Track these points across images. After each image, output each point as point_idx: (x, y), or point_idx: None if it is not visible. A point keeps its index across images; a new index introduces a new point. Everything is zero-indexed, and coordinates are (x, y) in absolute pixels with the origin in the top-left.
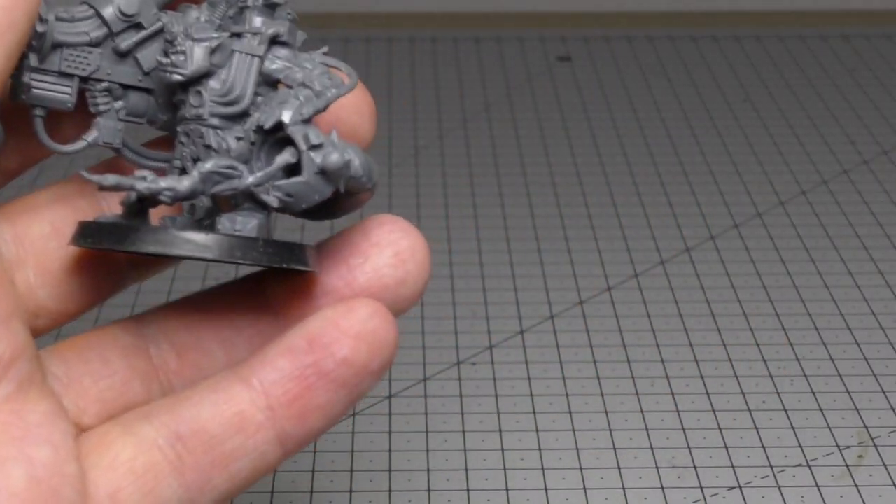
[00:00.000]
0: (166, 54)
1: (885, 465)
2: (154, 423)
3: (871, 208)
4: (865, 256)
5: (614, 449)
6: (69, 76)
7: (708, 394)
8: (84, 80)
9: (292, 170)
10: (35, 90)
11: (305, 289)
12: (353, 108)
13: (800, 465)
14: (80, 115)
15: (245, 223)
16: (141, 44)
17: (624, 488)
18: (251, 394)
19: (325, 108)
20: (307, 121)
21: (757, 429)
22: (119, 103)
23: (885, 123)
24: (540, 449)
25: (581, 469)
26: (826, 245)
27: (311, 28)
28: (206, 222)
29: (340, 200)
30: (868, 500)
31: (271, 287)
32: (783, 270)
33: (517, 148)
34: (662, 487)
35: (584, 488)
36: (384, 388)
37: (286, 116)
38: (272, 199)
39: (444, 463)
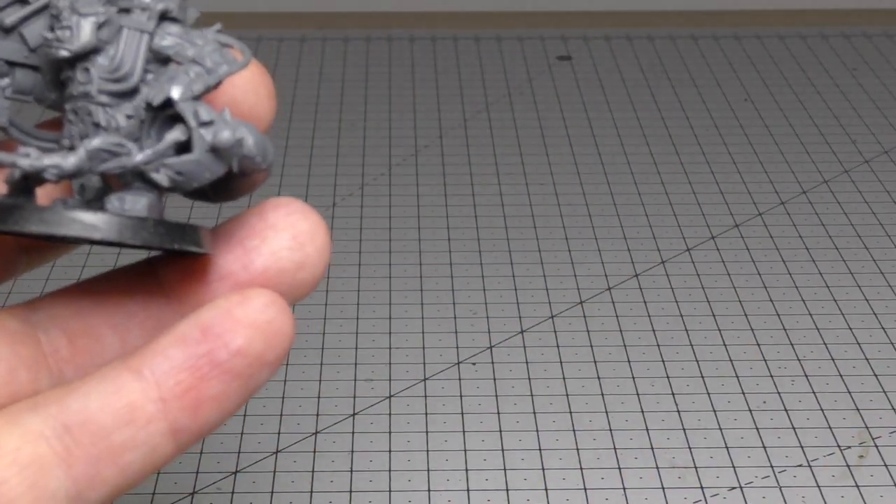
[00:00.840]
0: (52, 29)
1: (886, 466)
2: (41, 414)
3: (871, 208)
4: (866, 256)
5: (615, 449)
6: None
7: (709, 394)
8: None
9: (183, 148)
10: None
11: (199, 272)
12: (250, 88)
13: (801, 466)
14: None
15: (134, 202)
16: (26, 19)
17: (624, 488)
18: (142, 384)
19: (216, 85)
20: (197, 98)
21: (758, 429)
22: (5, 80)
23: (886, 123)
24: (540, 449)
25: (581, 469)
26: (827, 245)
27: (311, 27)
28: (96, 203)
29: (234, 181)
30: (869, 500)
31: (164, 270)
32: (784, 270)
33: (517, 148)
34: (663, 488)
35: (585, 489)
36: (384, 389)
37: (175, 93)
38: (162, 178)
39: (444, 463)
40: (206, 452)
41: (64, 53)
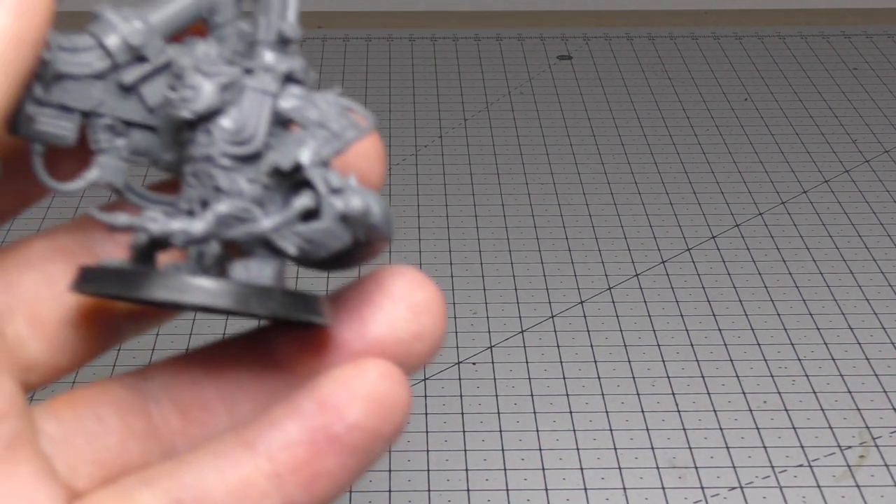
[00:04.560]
0: (174, 89)
1: (886, 466)
2: (154, 490)
3: (872, 207)
4: (867, 256)
5: (615, 449)
6: (70, 110)
7: (709, 394)
8: (85, 114)
9: (309, 215)
10: (37, 124)
11: (314, 342)
12: (362, 152)
13: (801, 466)
14: (79, 152)
15: (260, 270)
16: (146, 78)
17: (625, 488)
18: (256, 459)
19: (343, 151)
20: (326, 163)
21: (758, 429)
22: (121, 141)
23: (887, 122)
24: (540, 449)
25: (582, 469)
26: (827, 244)
27: (312, 26)
28: (214, 269)
29: (356, 250)
30: (869, 500)
31: (276, 339)
32: (784, 270)
33: (517, 147)
34: (663, 487)
35: (585, 488)
36: None
37: (305, 158)
38: (289, 246)
39: (445, 463)
40: None
41: (187, 114)
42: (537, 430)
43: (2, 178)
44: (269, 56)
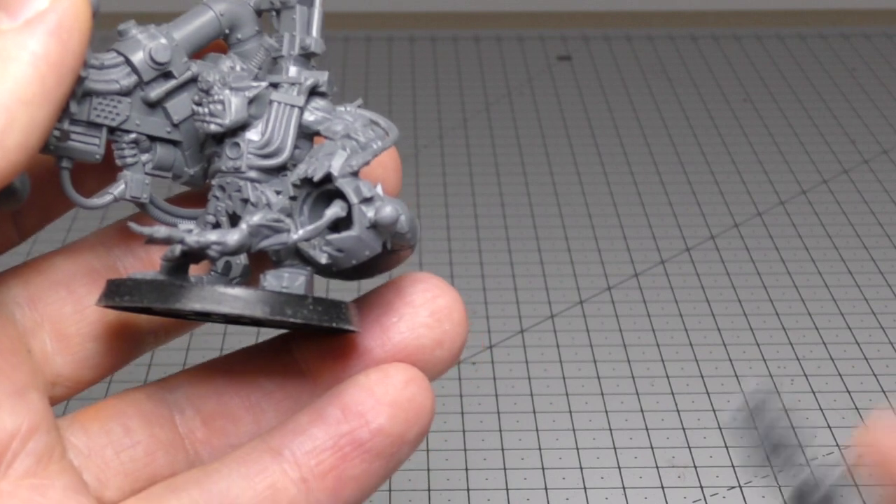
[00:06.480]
0: (200, 104)
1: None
2: (182, 498)
3: (871, 208)
4: (865, 256)
5: (614, 448)
6: (97, 126)
7: (708, 393)
8: (111, 130)
9: (337, 225)
10: (68, 140)
11: (337, 349)
12: (380, 161)
13: (800, 465)
14: (102, 167)
15: (293, 280)
16: (171, 93)
17: (624, 488)
18: (283, 465)
19: (370, 161)
20: (355, 173)
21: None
22: (146, 156)
23: (886, 123)
24: (540, 448)
25: (581, 468)
26: (826, 245)
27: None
28: (241, 280)
29: (382, 258)
30: (869, 499)
31: (299, 347)
32: (783, 270)
33: (517, 148)
34: (663, 487)
35: (585, 488)
36: None
37: (336, 168)
38: (321, 255)
39: (444, 462)
40: None
41: (215, 128)
42: (537, 430)
43: (28, 194)
44: (293, 70)
